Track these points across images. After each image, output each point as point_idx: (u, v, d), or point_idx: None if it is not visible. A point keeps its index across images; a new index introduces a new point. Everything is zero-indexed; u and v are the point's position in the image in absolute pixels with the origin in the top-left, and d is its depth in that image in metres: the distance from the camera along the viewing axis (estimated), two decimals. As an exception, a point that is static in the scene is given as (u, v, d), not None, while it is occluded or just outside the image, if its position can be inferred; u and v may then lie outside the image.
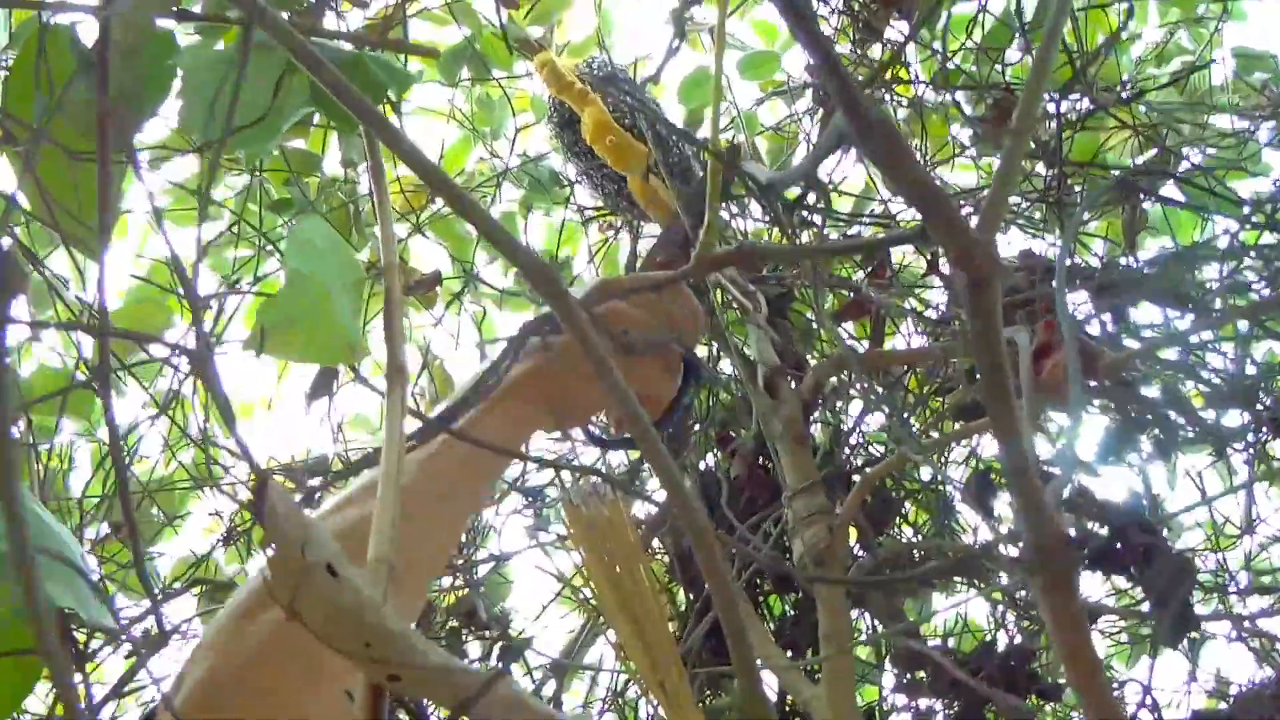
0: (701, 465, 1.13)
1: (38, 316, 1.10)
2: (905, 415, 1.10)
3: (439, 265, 1.09)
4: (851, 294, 0.97)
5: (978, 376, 0.97)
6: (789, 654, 1.08)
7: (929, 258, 1.11)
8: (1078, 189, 1.13)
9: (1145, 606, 1.15)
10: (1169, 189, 1.11)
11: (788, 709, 1.11)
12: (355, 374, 0.70)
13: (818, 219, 1.04)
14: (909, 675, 1.15)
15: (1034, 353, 0.88)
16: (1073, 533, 0.73)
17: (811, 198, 1.12)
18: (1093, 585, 1.12)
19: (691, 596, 1.11)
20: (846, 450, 1.14)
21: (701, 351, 1.19)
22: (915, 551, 1.12)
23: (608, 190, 1.06)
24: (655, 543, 1.19)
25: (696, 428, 1.17)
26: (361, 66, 0.71)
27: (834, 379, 1.11)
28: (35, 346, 1.11)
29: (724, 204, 1.03)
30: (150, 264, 1.14)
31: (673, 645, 0.58)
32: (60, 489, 1.02)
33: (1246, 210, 1.02)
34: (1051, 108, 1.07)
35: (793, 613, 1.12)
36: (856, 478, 1.10)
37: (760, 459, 1.13)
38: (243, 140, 0.69)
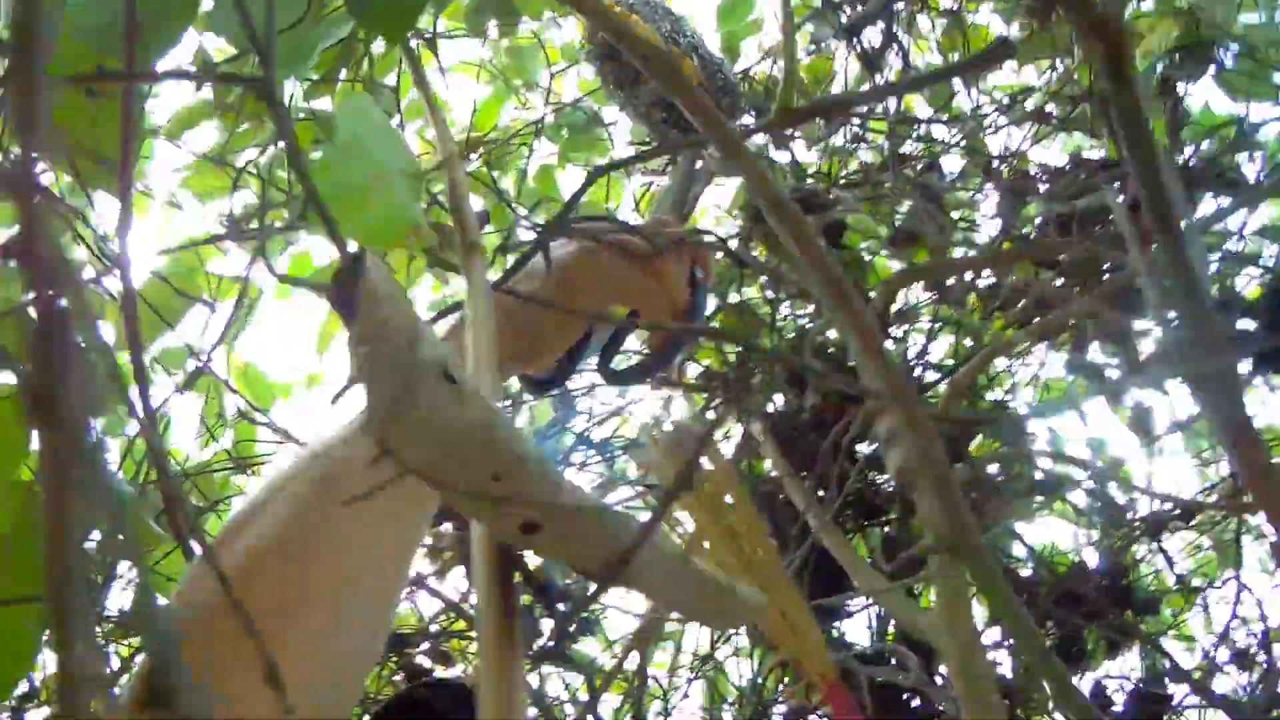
0: (770, 408, 1.09)
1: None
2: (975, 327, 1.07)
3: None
4: (916, 191, 0.94)
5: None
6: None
7: (984, 169, 1.10)
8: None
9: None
10: (1209, 84, 1.11)
11: (887, 644, 1.05)
12: (427, 254, 0.65)
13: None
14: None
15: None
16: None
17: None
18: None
19: (776, 542, 1.06)
20: (917, 371, 1.11)
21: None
22: (998, 474, 1.09)
23: (654, 119, 1.03)
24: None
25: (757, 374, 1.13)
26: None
27: (902, 298, 1.08)
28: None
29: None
30: (176, 243, 1.08)
31: (781, 568, 0.52)
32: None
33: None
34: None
35: (884, 545, 1.07)
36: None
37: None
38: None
